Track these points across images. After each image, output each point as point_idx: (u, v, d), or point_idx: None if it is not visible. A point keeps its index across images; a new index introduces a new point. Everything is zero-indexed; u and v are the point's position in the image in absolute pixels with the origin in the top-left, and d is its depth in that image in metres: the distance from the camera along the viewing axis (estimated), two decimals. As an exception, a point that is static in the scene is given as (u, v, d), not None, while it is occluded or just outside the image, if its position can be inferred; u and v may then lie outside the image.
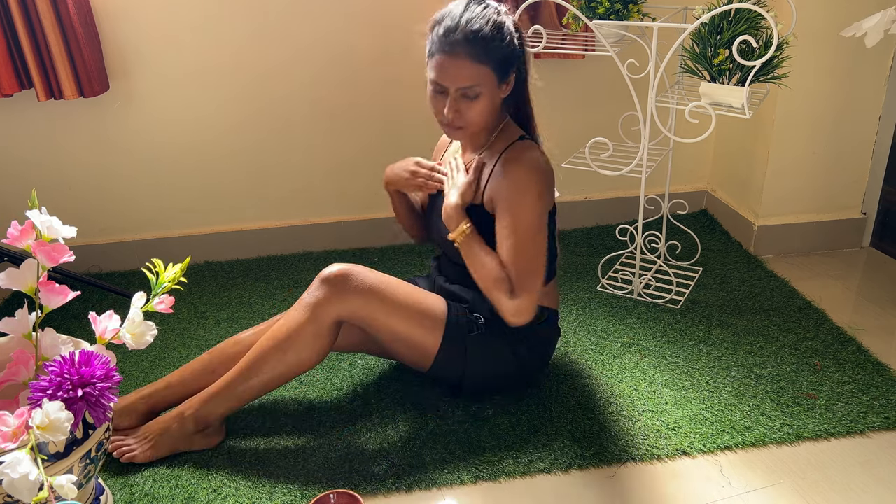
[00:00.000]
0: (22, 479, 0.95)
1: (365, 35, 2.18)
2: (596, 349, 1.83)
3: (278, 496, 1.39)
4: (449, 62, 1.39)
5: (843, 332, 1.87)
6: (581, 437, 1.52)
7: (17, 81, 1.95)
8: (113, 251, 2.27)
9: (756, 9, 1.67)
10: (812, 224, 2.30)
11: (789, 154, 2.22)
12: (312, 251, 2.39)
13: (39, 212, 1.15)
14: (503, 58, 1.42)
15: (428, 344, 1.52)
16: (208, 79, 2.16)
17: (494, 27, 1.39)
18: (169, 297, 1.24)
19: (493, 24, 1.39)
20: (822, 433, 1.53)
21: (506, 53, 1.42)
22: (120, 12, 2.04)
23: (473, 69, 1.39)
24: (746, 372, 1.73)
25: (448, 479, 1.43)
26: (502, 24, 1.41)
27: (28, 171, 2.15)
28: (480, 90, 1.41)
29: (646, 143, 1.89)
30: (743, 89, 1.72)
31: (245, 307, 2.07)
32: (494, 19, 1.40)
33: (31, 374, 1.17)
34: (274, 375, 1.48)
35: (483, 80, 1.41)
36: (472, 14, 1.39)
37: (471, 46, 1.38)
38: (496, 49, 1.40)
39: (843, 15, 2.01)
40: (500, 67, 1.42)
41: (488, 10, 1.41)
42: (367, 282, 1.48)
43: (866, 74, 2.15)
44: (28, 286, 1.16)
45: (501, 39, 1.40)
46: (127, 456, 1.46)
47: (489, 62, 1.40)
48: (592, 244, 2.39)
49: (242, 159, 2.27)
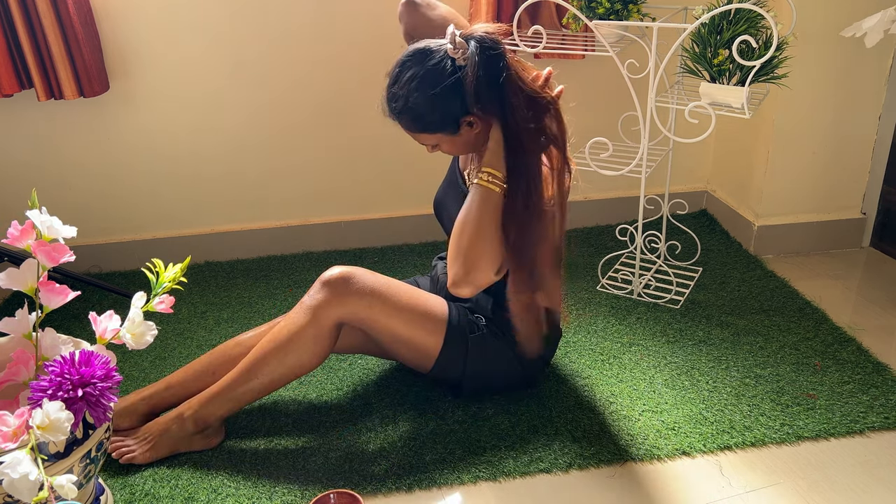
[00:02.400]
0: (22, 479, 0.95)
1: (366, 35, 2.18)
2: (596, 349, 1.83)
3: (278, 496, 1.39)
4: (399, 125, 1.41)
5: (843, 332, 1.87)
6: (581, 437, 1.53)
7: (17, 81, 1.95)
8: (113, 251, 2.27)
9: (756, 9, 1.68)
10: (812, 224, 2.30)
11: (789, 154, 2.22)
12: (312, 251, 2.39)
13: (39, 212, 1.15)
14: (433, 121, 1.36)
15: (429, 346, 1.52)
16: (208, 79, 2.16)
17: (409, 96, 1.33)
18: (169, 297, 1.24)
19: (409, 91, 1.32)
20: (822, 433, 1.53)
21: (431, 117, 1.35)
22: (120, 12, 2.04)
23: (419, 136, 1.41)
24: (746, 372, 1.73)
25: (448, 479, 1.43)
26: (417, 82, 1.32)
27: (28, 171, 2.15)
28: (433, 142, 1.41)
29: (646, 143, 1.89)
30: (743, 89, 1.72)
31: (245, 307, 2.07)
32: (409, 78, 1.33)
33: (31, 374, 1.17)
34: (274, 377, 1.48)
35: (427, 139, 1.41)
36: (396, 85, 1.35)
37: (403, 122, 1.38)
38: (417, 119, 1.36)
39: (843, 15, 2.01)
40: (438, 127, 1.37)
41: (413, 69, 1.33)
42: (368, 284, 1.48)
43: (866, 74, 2.15)
44: (28, 286, 1.16)
45: (418, 104, 1.33)
46: (126, 457, 1.46)
47: (421, 130, 1.38)
48: (592, 244, 2.39)
49: (243, 159, 2.27)
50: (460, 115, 1.35)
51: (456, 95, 1.32)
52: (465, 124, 1.37)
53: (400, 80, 1.34)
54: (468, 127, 1.38)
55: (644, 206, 2.01)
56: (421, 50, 1.35)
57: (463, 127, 1.38)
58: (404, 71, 1.34)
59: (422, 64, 1.33)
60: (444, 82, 1.31)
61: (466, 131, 1.39)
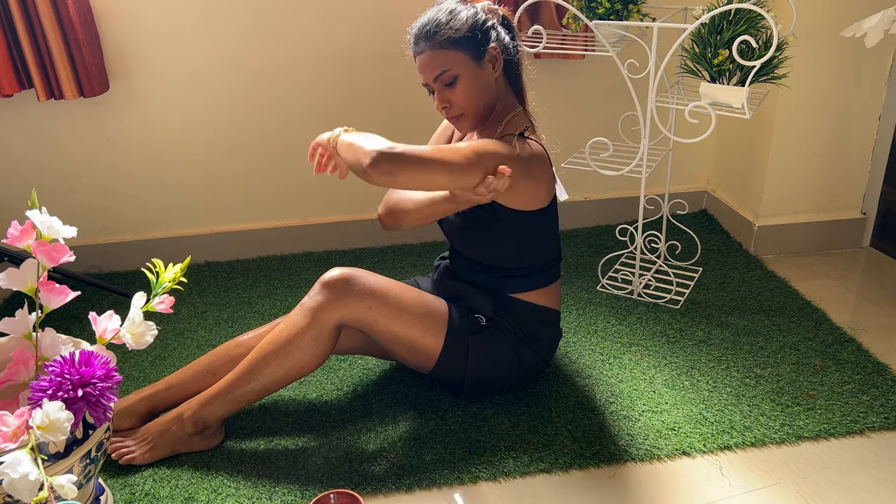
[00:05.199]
0: (22, 479, 0.95)
1: (365, 33, 2.18)
2: (596, 349, 1.83)
3: (278, 496, 1.39)
4: (419, 59, 1.48)
5: (843, 332, 1.87)
6: (581, 437, 1.53)
7: (17, 81, 1.95)
8: (113, 251, 2.27)
9: (756, 9, 1.68)
10: (812, 224, 2.30)
11: (789, 154, 2.22)
12: (312, 251, 2.39)
13: (39, 212, 1.15)
14: (466, 36, 1.44)
15: (430, 347, 1.52)
16: (208, 78, 2.16)
17: (446, 12, 1.45)
18: (169, 297, 1.24)
19: (445, 12, 1.45)
20: (822, 433, 1.53)
21: (466, 30, 1.44)
22: (120, 12, 2.04)
23: (438, 56, 1.45)
24: (746, 372, 1.73)
25: (448, 479, 1.43)
26: (455, 9, 1.46)
27: (28, 171, 2.15)
28: (454, 73, 1.45)
29: (646, 143, 1.89)
30: (743, 89, 1.72)
31: (245, 307, 2.07)
32: (446, 6, 1.47)
33: (31, 374, 1.17)
34: (274, 379, 1.48)
35: (453, 63, 1.44)
36: (427, 14, 1.47)
37: (429, 38, 1.45)
38: (453, 30, 1.44)
39: (843, 15, 2.01)
40: (466, 45, 1.44)
41: (443, 5, 1.48)
42: (369, 286, 1.48)
43: (866, 74, 2.15)
44: (28, 286, 1.16)
45: (456, 19, 1.44)
46: (126, 458, 1.46)
47: (451, 45, 1.44)
48: (592, 244, 2.39)
49: (242, 159, 2.27)
50: (484, 38, 1.45)
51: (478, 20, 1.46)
52: (489, 57, 1.46)
53: (427, 13, 1.47)
54: (490, 65, 1.47)
55: (644, 206, 2.01)
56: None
57: (487, 60, 1.46)
58: (432, 8, 1.48)
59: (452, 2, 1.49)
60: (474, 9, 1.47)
61: (488, 70, 1.47)
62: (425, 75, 1.48)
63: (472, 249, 1.59)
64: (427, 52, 1.45)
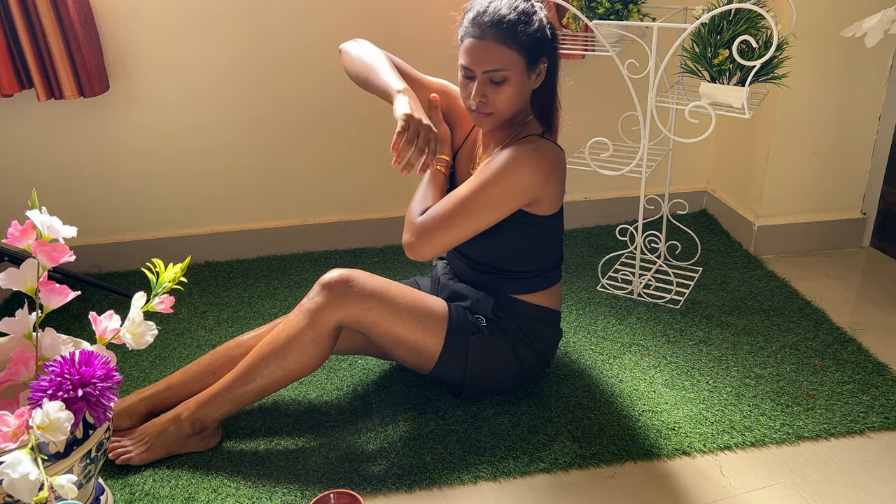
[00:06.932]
0: (22, 479, 0.95)
1: (366, 35, 2.17)
2: (596, 349, 1.83)
3: (278, 496, 1.39)
4: (476, 45, 1.40)
5: (843, 332, 1.87)
6: (581, 437, 1.53)
7: (17, 81, 1.95)
8: (113, 251, 2.27)
9: (756, 9, 1.68)
10: (812, 224, 2.30)
11: (789, 154, 2.22)
12: (312, 251, 2.39)
13: (40, 212, 1.15)
14: (531, 44, 1.41)
15: (430, 347, 1.52)
16: (208, 79, 2.16)
17: (522, 13, 1.40)
18: (169, 297, 1.24)
19: (520, 11, 1.40)
20: (822, 433, 1.53)
21: (533, 40, 1.41)
22: (120, 12, 2.04)
23: (500, 52, 1.40)
24: (746, 372, 1.73)
25: (448, 479, 1.43)
26: (531, 11, 1.42)
27: (28, 171, 2.15)
28: (507, 74, 1.41)
29: (646, 143, 1.89)
30: (743, 89, 1.72)
31: (245, 307, 2.07)
32: (523, 7, 1.41)
33: (31, 374, 1.17)
34: (272, 380, 1.48)
35: (510, 65, 1.40)
36: (503, 3, 1.41)
37: (497, 29, 1.39)
38: (523, 34, 1.40)
39: (843, 15, 2.01)
40: (528, 53, 1.41)
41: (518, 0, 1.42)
42: (368, 287, 1.48)
43: (866, 74, 2.15)
44: (28, 286, 1.16)
45: (529, 24, 1.40)
46: (123, 458, 1.46)
47: (516, 46, 1.40)
48: (592, 244, 2.39)
49: (242, 159, 2.27)
50: (543, 51, 1.44)
51: (545, 34, 1.45)
52: (538, 70, 1.45)
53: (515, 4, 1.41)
54: (535, 76, 1.46)
55: (644, 206, 2.01)
56: None
57: (538, 68, 1.45)
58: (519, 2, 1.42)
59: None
60: (543, 20, 1.44)
61: (532, 80, 1.46)
62: (476, 63, 1.41)
63: (475, 250, 1.59)
64: (490, 41, 1.39)
